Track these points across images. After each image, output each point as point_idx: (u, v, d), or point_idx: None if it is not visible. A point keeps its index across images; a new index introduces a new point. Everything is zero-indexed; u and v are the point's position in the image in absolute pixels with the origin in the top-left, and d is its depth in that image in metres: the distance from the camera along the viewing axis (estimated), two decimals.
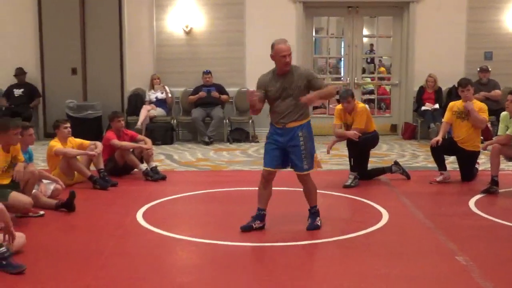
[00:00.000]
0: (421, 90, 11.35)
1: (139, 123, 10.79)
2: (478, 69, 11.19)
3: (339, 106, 7.71)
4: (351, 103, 7.45)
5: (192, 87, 11.43)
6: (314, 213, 5.64)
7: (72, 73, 11.69)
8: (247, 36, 11.47)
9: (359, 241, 5.30)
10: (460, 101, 7.64)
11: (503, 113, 7.20)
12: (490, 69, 11.17)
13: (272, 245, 5.17)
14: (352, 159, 7.54)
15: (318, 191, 5.71)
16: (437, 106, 11.00)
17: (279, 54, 5.30)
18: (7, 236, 4.62)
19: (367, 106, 8.37)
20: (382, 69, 15.34)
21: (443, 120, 7.93)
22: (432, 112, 10.93)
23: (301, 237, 5.36)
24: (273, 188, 5.60)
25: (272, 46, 5.36)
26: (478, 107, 7.47)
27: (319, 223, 5.60)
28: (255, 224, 5.48)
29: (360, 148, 7.48)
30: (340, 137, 7.65)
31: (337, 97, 9.46)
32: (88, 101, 11.58)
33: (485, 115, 7.44)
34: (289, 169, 5.62)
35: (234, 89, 11.55)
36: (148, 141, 8.17)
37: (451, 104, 7.78)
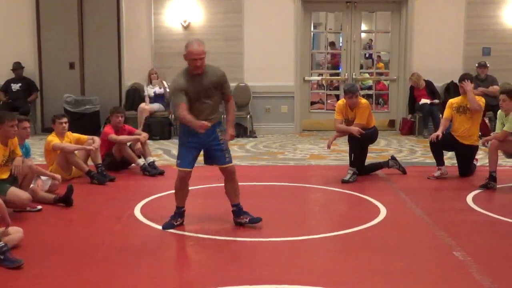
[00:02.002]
0: (412, 88, 11.37)
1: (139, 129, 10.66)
2: (477, 64, 11.20)
3: (341, 101, 7.70)
4: (356, 99, 7.43)
5: None
6: (240, 209, 5.56)
7: (70, 68, 11.68)
8: (245, 31, 11.44)
9: (357, 236, 5.30)
10: (460, 97, 7.67)
11: (499, 111, 7.30)
12: (488, 65, 11.17)
13: (271, 240, 5.17)
14: (352, 155, 7.54)
15: (316, 186, 5.72)
16: (436, 101, 10.98)
17: (189, 57, 5.30)
18: (3, 228, 4.62)
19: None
20: (380, 64, 15.33)
21: (443, 116, 7.96)
22: (429, 106, 10.95)
23: (300, 232, 5.36)
24: (272, 184, 5.60)
25: (186, 47, 5.33)
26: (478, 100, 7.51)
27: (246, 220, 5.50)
28: (176, 222, 5.51)
29: (360, 144, 7.49)
30: (342, 132, 7.64)
31: None
32: (86, 96, 11.56)
33: (482, 105, 7.51)
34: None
35: (232, 84, 11.48)
36: (145, 135, 8.18)
37: (450, 101, 7.81)
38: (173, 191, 5.53)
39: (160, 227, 5.48)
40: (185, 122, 5.22)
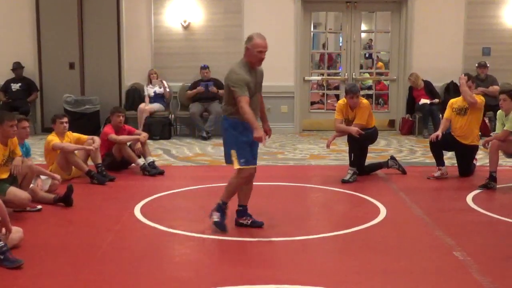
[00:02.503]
0: (411, 89, 11.37)
1: (140, 130, 10.66)
2: (476, 64, 11.20)
3: (342, 101, 7.69)
4: (357, 99, 7.44)
5: (190, 82, 11.41)
6: (245, 210, 5.53)
7: (70, 68, 11.67)
8: (245, 31, 11.41)
9: (356, 236, 5.30)
10: (461, 98, 7.66)
11: (499, 112, 7.29)
12: (488, 65, 11.17)
13: (271, 240, 5.17)
14: (352, 154, 7.54)
15: (316, 186, 5.71)
16: (436, 100, 10.99)
17: (256, 49, 5.15)
18: (4, 229, 4.62)
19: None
20: (380, 64, 15.32)
21: (443, 116, 7.96)
22: (429, 106, 10.95)
23: (300, 233, 5.36)
24: (272, 183, 5.60)
25: (251, 39, 5.18)
26: (476, 99, 7.50)
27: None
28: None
29: (360, 144, 7.49)
30: (341, 132, 7.64)
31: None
32: (86, 96, 11.56)
33: (481, 104, 7.53)
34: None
35: None
36: (145, 135, 8.18)
37: (451, 101, 7.81)
38: (174, 190, 5.52)
39: (160, 227, 5.48)
40: (246, 119, 5.01)
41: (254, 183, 5.51)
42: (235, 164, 5.18)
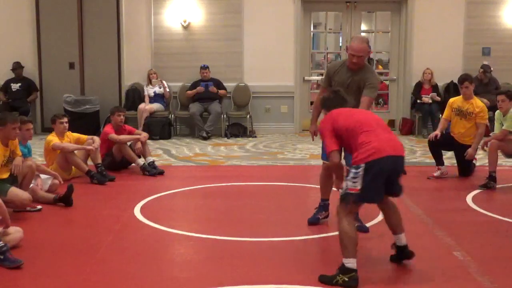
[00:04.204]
0: (419, 85, 11.37)
1: (140, 130, 10.67)
2: (481, 69, 11.05)
3: None
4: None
5: (190, 82, 11.42)
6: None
7: (70, 68, 11.68)
8: (245, 31, 11.44)
9: None
10: (460, 97, 7.65)
11: (497, 112, 7.30)
12: (492, 70, 11.07)
13: (270, 240, 5.17)
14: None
15: (316, 186, 5.71)
16: (438, 98, 10.99)
17: (348, 52, 5.34)
18: (2, 229, 4.62)
19: None
20: (380, 67, 15.29)
21: (442, 116, 7.95)
22: (429, 106, 10.95)
23: (299, 232, 5.36)
24: (271, 183, 5.59)
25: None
26: (479, 108, 7.45)
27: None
28: (321, 215, 5.56)
29: None
30: None
31: None
32: (86, 96, 11.56)
33: (485, 117, 7.46)
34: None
35: (232, 84, 11.54)
36: (145, 134, 8.19)
37: (451, 100, 7.79)
38: (174, 190, 5.53)
39: (160, 227, 5.48)
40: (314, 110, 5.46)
41: (254, 183, 5.51)
42: None
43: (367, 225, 5.52)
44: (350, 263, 4.11)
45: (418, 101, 11.15)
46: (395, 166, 4.29)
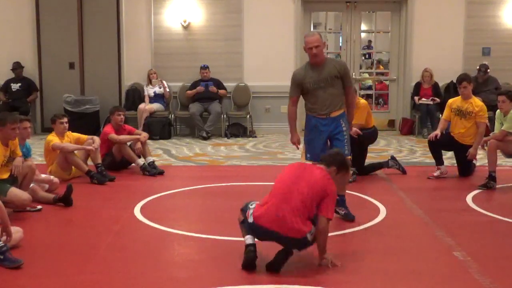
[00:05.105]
0: (418, 85, 11.37)
1: (140, 130, 10.66)
2: (480, 70, 11.06)
3: None
4: (356, 100, 7.43)
5: (190, 82, 11.42)
6: (344, 201, 5.73)
7: (70, 68, 11.68)
8: (245, 31, 11.45)
9: (356, 237, 5.31)
10: (459, 97, 7.65)
11: (498, 111, 7.30)
12: (488, 71, 11.06)
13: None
14: (351, 155, 7.52)
15: None
16: (437, 100, 10.98)
17: (306, 47, 5.50)
18: (3, 234, 4.61)
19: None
20: (381, 68, 15.32)
21: (441, 117, 7.95)
22: (427, 106, 10.95)
23: None
24: (272, 184, 5.58)
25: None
26: (478, 107, 7.45)
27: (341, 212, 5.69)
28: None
29: (359, 144, 7.48)
30: None
31: None
32: (86, 96, 11.56)
33: (484, 116, 7.45)
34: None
35: (232, 84, 11.54)
36: (145, 134, 8.19)
37: (450, 101, 7.79)
38: (174, 190, 5.53)
39: (160, 227, 5.48)
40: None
41: (254, 183, 5.50)
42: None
43: (367, 225, 5.52)
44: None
45: (419, 101, 11.13)
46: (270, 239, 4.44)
